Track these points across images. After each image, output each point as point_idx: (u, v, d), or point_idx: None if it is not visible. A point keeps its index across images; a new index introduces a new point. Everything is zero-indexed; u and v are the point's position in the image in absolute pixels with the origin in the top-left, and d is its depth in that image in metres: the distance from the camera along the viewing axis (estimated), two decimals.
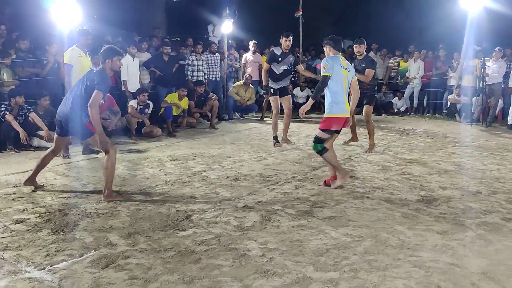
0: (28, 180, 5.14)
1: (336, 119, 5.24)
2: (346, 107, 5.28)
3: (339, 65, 5.21)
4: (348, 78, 5.30)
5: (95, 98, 4.67)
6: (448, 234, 4.03)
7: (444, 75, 12.45)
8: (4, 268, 3.27)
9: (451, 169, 6.43)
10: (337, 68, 5.20)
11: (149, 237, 3.86)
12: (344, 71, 5.24)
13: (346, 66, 5.29)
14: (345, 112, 5.28)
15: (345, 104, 5.27)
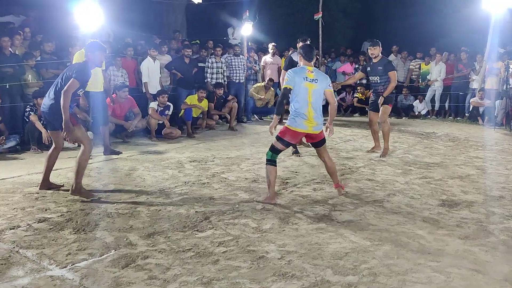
0: (42, 183, 5.20)
1: (291, 132, 4.90)
2: (306, 123, 4.86)
3: (301, 78, 4.84)
4: (315, 90, 4.86)
5: (70, 85, 4.73)
6: (470, 240, 3.96)
7: (466, 78, 12.25)
8: (27, 266, 3.34)
9: (473, 173, 6.32)
10: (298, 81, 4.84)
11: (168, 237, 3.90)
12: (308, 83, 4.84)
13: (312, 78, 4.86)
14: (303, 128, 4.88)
15: (307, 119, 4.84)
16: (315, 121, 4.89)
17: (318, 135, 5.01)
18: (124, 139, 8.26)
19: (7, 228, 4.04)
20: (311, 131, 4.93)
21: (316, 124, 4.92)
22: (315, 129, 4.93)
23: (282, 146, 4.93)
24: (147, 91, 9.33)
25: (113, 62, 9.13)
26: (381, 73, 7.17)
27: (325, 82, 4.98)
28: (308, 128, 4.89)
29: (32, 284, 3.08)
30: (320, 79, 4.94)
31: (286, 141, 4.91)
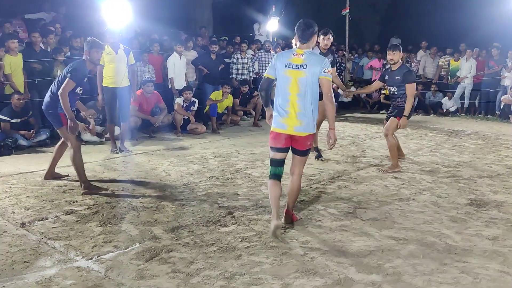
0: (47, 174, 5.37)
1: (273, 134, 3.93)
2: (285, 121, 3.82)
3: (282, 63, 3.84)
4: (302, 79, 3.76)
5: (65, 85, 4.79)
6: (499, 240, 3.86)
7: (497, 74, 11.92)
8: (55, 257, 3.42)
9: (504, 173, 6.15)
10: (279, 67, 3.86)
11: (192, 231, 3.93)
12: (290, 71, 3.80)
13: (299, 63, 3.78)
14: (281, 127, 3.85)
15: (287, 116, 3.81)
16: (299, 120, 3.81)
17: (302, 141, 3.88)
18: (150, 134, 8.36)
19: (36, 219, 4.15)
20: (293, 132, 3.83)
21: (299, 124, 3.81)
22: (297, 129, 3.82)
23: (273, 154, 3.96)
24: (173, 86, 9.41)
25: (140, 58, 9.23)
26: (399, 84, 6.01)
27: (318, 67, 3.77)
28: (288, 128, 3.83)
29: (59, 275, 3.15)
30: (311, 63, 3.78)
31: (273, 147, 3.95)
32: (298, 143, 3.91)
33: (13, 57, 7.45)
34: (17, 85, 7.52)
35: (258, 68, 11.02)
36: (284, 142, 3.90)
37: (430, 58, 13.09)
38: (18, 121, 7.27)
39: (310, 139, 3.97)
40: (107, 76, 6.94)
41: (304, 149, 3.95)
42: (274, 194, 3.91)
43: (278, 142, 3.92)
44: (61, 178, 5.43)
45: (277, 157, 3.96)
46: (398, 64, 6.12)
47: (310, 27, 3.87)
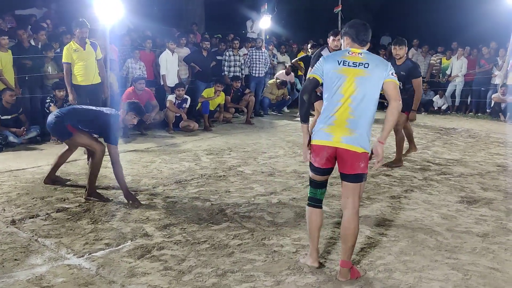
0: (47, 178, 5.18)
1: (313, 148, 3.15)
2: (330, 130, 3.04)
3: (334, 61, 3.11)
4: (362, 79, 3.03)
5: (115, 154, 4.55)
6: (489, 237, 3.90)
7: (488, 73, 12.01)
8: (46, 255, 3.40)
9: (494, 170, 6.21)
10: (330, 67, 3.11)
11: (184, 229, 3.92)
12: (346, 69, 3.06)
13: (358, 61, 3.07)
14: (325, 138, 3.06)
15: (334, 124, 3.04)
16: (349, 129, 3.02)
17: (352, 158, 3.01)
18: (142, 132, 8.32)
19: (26, 217, 4.12)
20: (339, 145, 3.01)
21: (349, 134, 3.01)
22: (345, 141, 3.00)
23: (313, 174, 3.20)
24: (165, 83, 9.37)
25: (132, 55, 9.19)
26: (404, 79, 5.98)
27: (383, 69, 3.09)
28: (334, 139, 3.02)
29: (50, 272, 3.14)
30: (375, 64, 3.09)
31: (313, 166, 3.16)
32: (347, 163, 3.04)
33: (2, 53, 7.38)
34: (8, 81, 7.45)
35: (249, 65, 10.99)
36: (325, 159, 3.08)
37: (421, 56, 13.16)
38: (8, 117, 7.21)
39: (363, 159, 3.03)
40: (78, 74, 6.74)
41: (355, 172, 3.04)
42: (316, 224, 3.25)
43: (320, 158, 3.10)
44: (64, 184, 5.22)
45: (318, 178, 3.19)
46: (403, 59, 6.12)
47: (369, 28, 3.26)
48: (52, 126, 4.85)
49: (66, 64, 6.73)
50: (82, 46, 6.75)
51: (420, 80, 6.13)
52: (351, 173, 3.05)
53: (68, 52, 6.71)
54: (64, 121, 4.74)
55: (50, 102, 7.55)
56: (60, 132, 4.89)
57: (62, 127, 4.76)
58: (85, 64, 6.74)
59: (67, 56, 6.71)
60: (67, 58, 6.71)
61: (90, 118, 4.77)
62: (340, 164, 3.09)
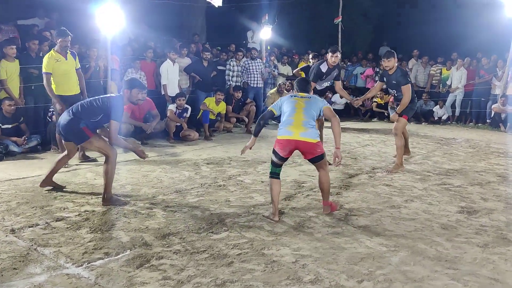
0: (43, 182, 5.23)
1: (278, 142, 4.46)
2: (291, 128, 4.39)
3: (289, 96, 4.69)
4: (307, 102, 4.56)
5: (113, 129, 4.70)
6: (489, 248, 3.88)
7: (488, 83, 12.05)
8: (44, 264, 3.39)
9: (494, 181, 6.20)
10: (285, 99, 4.67)
11: (183, 238, 3.91)
12: (297, 98, 4.61)
13: (305, 95, 4.66)
14: (288, 134, 4.40)
15: (293, 124, 4.41)
16: (304, 127, 4.36)
17: (313, 149, 4.38)
18: (143, 141, 8.33)
19: (26, 226, 4.11)
20: (299, 138, 4.32)
21: (304, 130, 4.34)
22: (303, 135, 4.32)
23: (275, 159, 4.46)
24: (166, 93, 9.41)
25: (132, 65, 9.23)
26: (396, 87, 6.57)
27: (320, 102, 4.65)
28: (294, 134, 4.33)
29: (49, 282, 3.12)
30: (315, 98, 4.70)
31: (278, 154, 4.42)
32: (312, 153, 4.47)
33: (9, 62, 7.40)
34: (13, 90, 7.47)
35: (246, 76, 11.01)
36: (288, 151, 4.46)
37: (421, 67, 13.22)
38: (9, 127, 7.23)
39: (319, 147, 4.46)
40: (61, 84, 6.50)
41: (319, 155, 4.47)
42: (277, 190, 4.47)
43: (282, 151, 4.44)
44: (60, 189, 5.26)
45: (278, 162, 4.54)
46: (394, 69, 6.57)
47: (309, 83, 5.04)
48: (68, 129, 4.86)
49: (47, 74, 6.40)
50: (63, 55, 6.50)
51: (409, 86, 6.50)
52: (316, 156, 4.43)
53: (49, 62, 6.41)
54: (80, 123, 4.79)
55: (53, 111, 7.57)
56: (77, 136, 4.88)
57: (79, 130, 4.80)
58: (67, 74, 6.54)
59: (48, 66, 6.40)
60: (48, 68, 6.40)
61: (97, 108, 4.82)
62: (309, 156, 4.46)
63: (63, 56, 6.49)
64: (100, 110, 4.80)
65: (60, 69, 6.47)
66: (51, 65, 6.40)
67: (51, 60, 6.43)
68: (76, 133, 4.83)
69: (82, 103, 4.99)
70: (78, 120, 4.79)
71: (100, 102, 4.86)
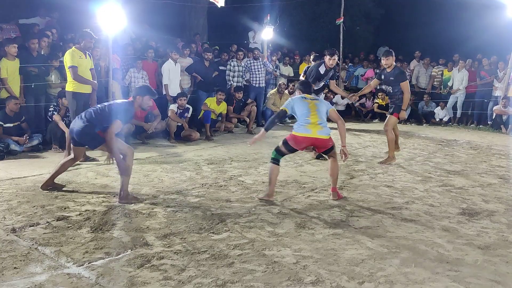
0: (45, 184, 5.22)
1: (296, 137, 5.02)
2: (309, 127, 4.95)
3: (299, 98, 5.18)
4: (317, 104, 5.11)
5: (114, 127, 4.77)
6: (491, 250, 3.88)
7: (489, 85, 12.04)
8: (45, 263, 3.39)
9: (495, 182, 6.20)
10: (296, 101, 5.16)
11: (184, 239, 3.91)
12: (307, 100, 5.14)
13: (312, 98, 5.25)
14: (307, 132, 4.96)
15: (310, 123, 4.97)
16: (320, 125, 4.96)
17: (327, 143, 5.05)
18: (144, 141, 8.34)
19: (27, 225, 4.11)
20: (316, 135, 4.95)
21: (320, 128, 4.96)
22: (320, 133, 4.95)
23: (285, 150, 5.05)
24: (168, 93, 9.41)
25: (134, 64, 9.23)
26: (393, 83, 7.01)
27: (326, 104, 5.21)
28: (312, 132, 4.93)
29: (50, 281, 3.12)
30: (321, 100, 5.31)
31: (290, 146, 5.01)
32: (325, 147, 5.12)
33: (10, 61, 7.42)
34: (13, 89, 7.48)
35: (248, 76, 11.02)
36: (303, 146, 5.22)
37: (423, 68, 13.21)
38: (10, 125, 7.23)
39: (331, 140, 5.09)
40: (76, 81, 6.70)
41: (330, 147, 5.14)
42: (276, 174, 5.09)
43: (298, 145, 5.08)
44: (60, 190, 5.23)
45: (286, 153, 5.21)
46: (392, 67, 7.07)
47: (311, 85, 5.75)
48: (82, 135, 4.95)
49: (74, 67, 6.63)
50: (84, 53, 6.82)
51: (407, 83, 7.03)
52: (328, 148, 5.08)
53: (74, 57, 6.69)
54: (95, 128, 4.89)
55: (53, 110, 7.58)
56: (92, 140, 4.99)
57: (94, 134, 4.91)
58: (85, 72, 6.76)
59: (73, 60, 6.67)
60: (74, 62, 6.66)
61: (109, 114, 4.87)
62: (322, 149, 5.18)
63: (84, 54, 6.79)
64: (112, 116, 4.85)
65: (82, 66, 6.73)
66: (76, 60, 6.68)
67: (75, 55, 6.70)
68: (92, 138, 4.95)
69: (94, 109, 5.05)
70: (92, 125, 4.90)
71: (112, 108, 4.93)
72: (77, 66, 6.68)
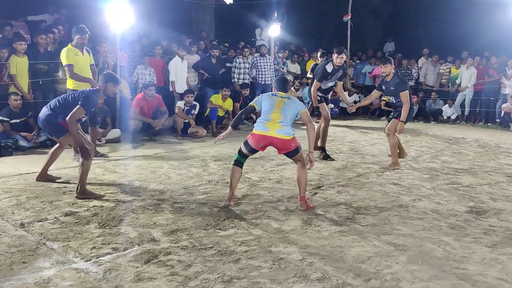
0: (40, 175, 5.36)
1: (253, 136, 4.67)
2: (268, 125, 4.57)
3: (269, 95, 4.90)
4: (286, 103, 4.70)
5: (75, 112, 4.79)
6: (498, 248, 3.86)
7: (497, 83, 11.94)
8: (53, 258, 3.42)
9: (503, 181, 6.16)
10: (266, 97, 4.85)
11: (191, 235, 3.93)
12: (277, 97, 4.76)
13: (284, 96, 4.79)
14: (264, 130, 4.57)
15: (270, 121, 4.59)
16: (280, 124, 4.55)
17: (287, 145, 4.59)
18: (151, 137, 8.37)
19: (35, 220, 4.15)
20: (274, 135, 4.52)
21: (280, 127, 4.54)
22: (278, 132, 4.53)
23: (246, 151, 4.72)
24: (174, 90, 9.43)
25: (142, 61, 9.26)
26: (394, 93, 6.58)
27: (298, 105, 4.78)
28: (270, 131, 4.53)
29: (57, 276, 3.15)
30: (294, 100, 4.83)
31: (250, 146, 4.66)
32: (287, 149, 4.68)
33: (19, 58, 7.46)
34: (22, 86, 7.53)
35: (255, 73, 11.00)
36: (261, 146, 4.71)
37: (431, 65, 13.12)
38: (17, 121, 7.28)
39: (293, 143, 4.63)
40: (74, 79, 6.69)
41: (293, 150, 4.66)
42: (237, 178, 4.79)
43: (255, 144, 4.69)
44: (54, 181, 5.39)
45: (247, 154, 4.84)
46: (391, 75, 6.64)
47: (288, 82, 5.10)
48: (45, 124, 5.09)
49: (70, 66, 6.60)
50: (80, 51, 6.75)
51: (407, 93, 6.49)
52: (291, 151, 4.65)
53: (69, 55, 6.64)
54: (58, 118, 4.99)
55: None
56: (55, 130, 5.12)
57: (57, 124, 5.01)
58: (83, 69, 6.73)
59: (68, 58, 6.62)
60: (69, 60, 6.62)
61: (72, 103, 4.94)
62: (283, 151, 4.70)
63: (80, 51, 6.74)
64: (75, 103, 4.90)
65: (78, 64, 6.71)
66: (71, 58, 6.66)
67: (70, 53, 6.68)
68: (55, 127, 5.05)
69: (59, 98, 5.16)
70: (56, 114, 4.99)
71: (75, 96, 5.02)
72: (73, 64, 6.63)
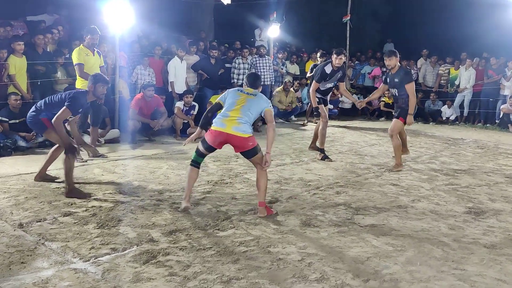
0: (38, 175, 5.39)
1: (210, 132, 4.54)
2: (225, 121, 4.43)
3: (235, 91, 4.69)
4: (250, 100, 4.54)
5: (61, 114, 4.83)
6: (496, 249, 3.86)
7: (496, 84, 11.96)
8: (52, 258, 3.42)
9: (502, 181, 6.16)
10: (231, 93, 4.66)
11: (189, 235, 3.92)
12: (243, 94, 4.61)
13: (251, 92, 4.64)
14: (221, 126, 4.44)
15: (228, 118, 4.44)
16: (238, 122, 4.38)
17: (244, 143, 4.40)
18: (150, 138, 8.37)
19: (34, 220, 4.14)
20: (230, 131, 4.35)
21: (237, 124, 4.36)
22: (235, 129, 4.35)
23: (203, 149, 4.54)
24: (173, 90, 9.42)
25: (141, 61, 9.26)
26: (398, 85, 6.55)
27: (264, 102, 4.61)
28: (227, 127, 4.36)
29: (56, 276, 3.15)
30: (260, 97, 4.64)
31: (207, 144, 4.48)
32: (244, 147, 4.50)
33: (18, 58, 7.46)
34: (21, 86, 7.53)
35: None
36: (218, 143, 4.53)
37: (430, 66, 13.14)
38: (16, 122, 7.27)
39: (250, 142, 4.45)
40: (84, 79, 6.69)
41: (249, 150, 4.47)
42: (194, 178, 4.63)
43: (212, 141, 4.52)
44: (53, 181, 5.40)
45: (204, 152, 4.66)
46: (396, 68, 6.62)
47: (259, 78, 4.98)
48: (29, 121, 5.17)
49: (80, 65, 6.73)
50: (91, 52, 6.90)
51: (413, 84, 6.53)
52: (247, 150, 4.46)
53: (80, 54, 6.80)
54: (40, 115, 5.04)
55: None
56: (37, 126, 5.19)
57: (38, 121, 5.07)
58: (93, 70, 6.76)
59: (79, 58, 6.78)
60: (80, 59, 6.77)
61: (59, 102, 5.00)
62: (239, 149, 4.52)
63: (91, 51, 6.87)
64: (62, 103, 4.94)
65: (89, 64, 6.80)
66: (82, 57, 6.77)
67: (81, 53, 6.81)
68: (36, 124, 5.12)
69: (46, 98, 5.21)
70: (39, 112, 5.06)
71: (63, 96, 5.07)
72: (83, 63, 6.77)
